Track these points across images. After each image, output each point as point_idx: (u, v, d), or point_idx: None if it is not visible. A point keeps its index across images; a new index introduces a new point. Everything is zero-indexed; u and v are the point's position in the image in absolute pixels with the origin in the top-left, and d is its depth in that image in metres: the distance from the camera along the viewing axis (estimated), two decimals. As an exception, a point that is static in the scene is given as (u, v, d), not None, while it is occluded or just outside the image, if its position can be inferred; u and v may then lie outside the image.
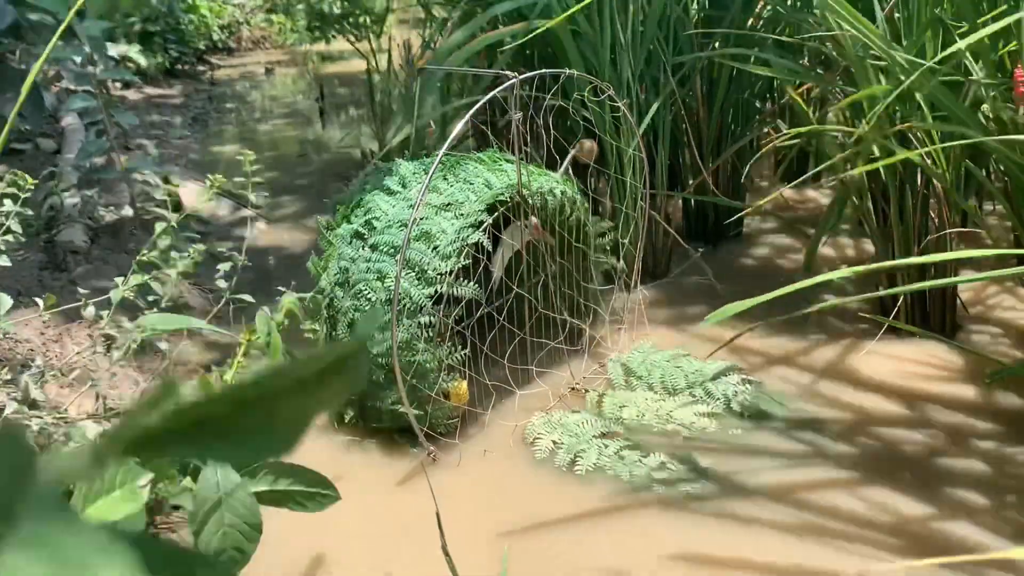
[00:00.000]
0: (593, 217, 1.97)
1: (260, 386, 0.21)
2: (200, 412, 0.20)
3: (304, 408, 0.22)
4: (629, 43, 2.21)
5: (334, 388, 0.22)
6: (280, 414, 0.21)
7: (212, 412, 0.20)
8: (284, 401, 0.21)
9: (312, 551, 1.37)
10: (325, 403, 0.22)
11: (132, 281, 1.45)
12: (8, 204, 1.52)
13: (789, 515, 1.40)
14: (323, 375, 0.21)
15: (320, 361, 0.21)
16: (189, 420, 0.20)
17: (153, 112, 4.70)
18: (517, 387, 1.79)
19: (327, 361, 0.22)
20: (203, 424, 0.20)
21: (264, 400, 0.21)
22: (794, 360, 1.91)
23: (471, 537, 1.38)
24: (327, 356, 0.22)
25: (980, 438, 1.58)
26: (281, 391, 0.21)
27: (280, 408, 0.21)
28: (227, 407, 0.20)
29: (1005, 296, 2.15)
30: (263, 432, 0.21)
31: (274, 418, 0.21)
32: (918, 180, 1.88)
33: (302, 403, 0.21)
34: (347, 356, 0.22)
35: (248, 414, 0.21)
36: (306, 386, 0.21)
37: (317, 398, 0.22)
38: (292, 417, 0.21)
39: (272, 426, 0.21)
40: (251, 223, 3.04)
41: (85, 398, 1.65)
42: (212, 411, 0.20)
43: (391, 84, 3.24)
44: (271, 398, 0.21)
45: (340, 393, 0.22)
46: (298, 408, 0.21)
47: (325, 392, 0.22)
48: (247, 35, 8.44)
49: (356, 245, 1.67)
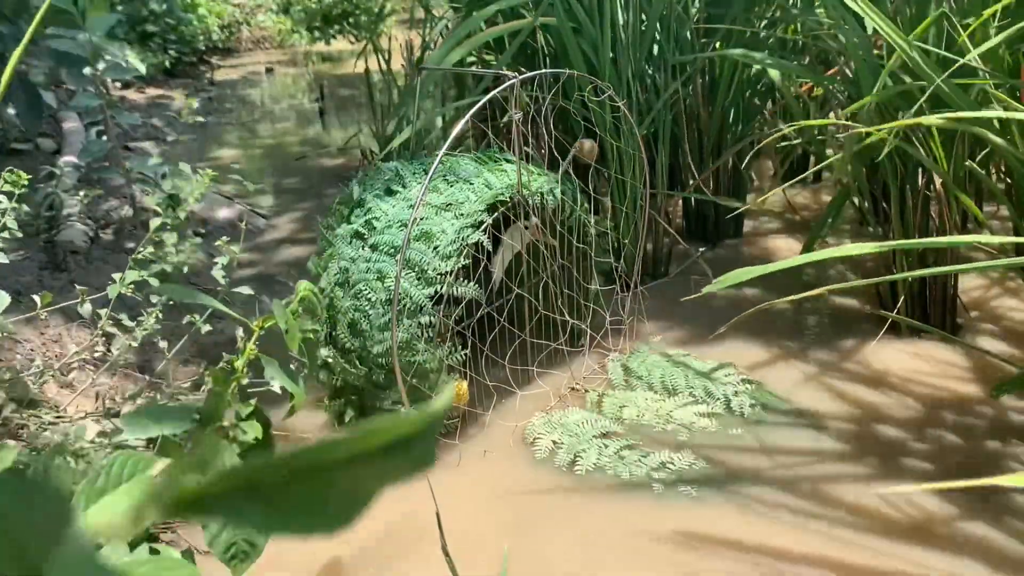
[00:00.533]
0: (593, 217, 1.97)
1: (317, 456, 0.19)
2: (250, 477, 0.19)
3: (365, 483, 0.20)
4: (629, 42, 2.21)
5: (400, 463, 0.20)
6: (337, 488, 0.20)
7: (262, 478, 0.19)
8: (343, 474, 0.20)
9: (311, 551, 1.37)
10: (389, 479, 0.20)
11: (129, 277, 1.44)
12: (4, 201, 1.52)
13: (790, 514, 1.40)
14: (389, 450, 0.20)
15: (386, 433, 0.20)
16: (237, 484, 0.19)
17: (153, 112, 4.70)
18: (517, 387, 1.79)
19: (394, 434, 0.20)
20: (252, 490, 0.19)
21: (320, 471, 0.19)
22: (794, 360, 1.91)
23: (471, 537, 1.38)
24: (395, 428, 0.20)
25: (981, 435, 1.58)
26: (340, 463, 0.19)
27: (338, 481, 0.20)
28: (279, 475, 0.19)
29: (1006, 298, 2.15)
30: (316, 504, 0.20)
31: (330, 491, 0.20)
32: (919, 179, 1.88)
33: (363, 478, 0.20)
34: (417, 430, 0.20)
35: (302, 484, 0.19)
36: (369, 460, 0.20)
37: (381, 473, 0.20)
38: (350, 491, 0.20)
39: (326, 499, 0.20)
40: (246, 218, 3.04)
41: (84, 398, 1.65)
42: (263, 477, 0.19)
43: (391, 84, 3.24)
44: (328, 470, 0.19)
45: (407, 470, 0.20)
46: (358, 482, 0.20)
47: (390, 467, 0.20)
48: (247, 35, 8.44)
49: (356, 245, 1.67)
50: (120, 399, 1.56)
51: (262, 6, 8.51)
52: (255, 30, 8.51)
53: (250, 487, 0.19)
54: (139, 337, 1.52)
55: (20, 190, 1.56)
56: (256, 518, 0.19)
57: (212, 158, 4.05)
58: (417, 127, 2.25)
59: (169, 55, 6.31)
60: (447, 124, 2.74)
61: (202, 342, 2.01)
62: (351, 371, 1.62)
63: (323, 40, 8.39)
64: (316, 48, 8.36)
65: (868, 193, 2.01)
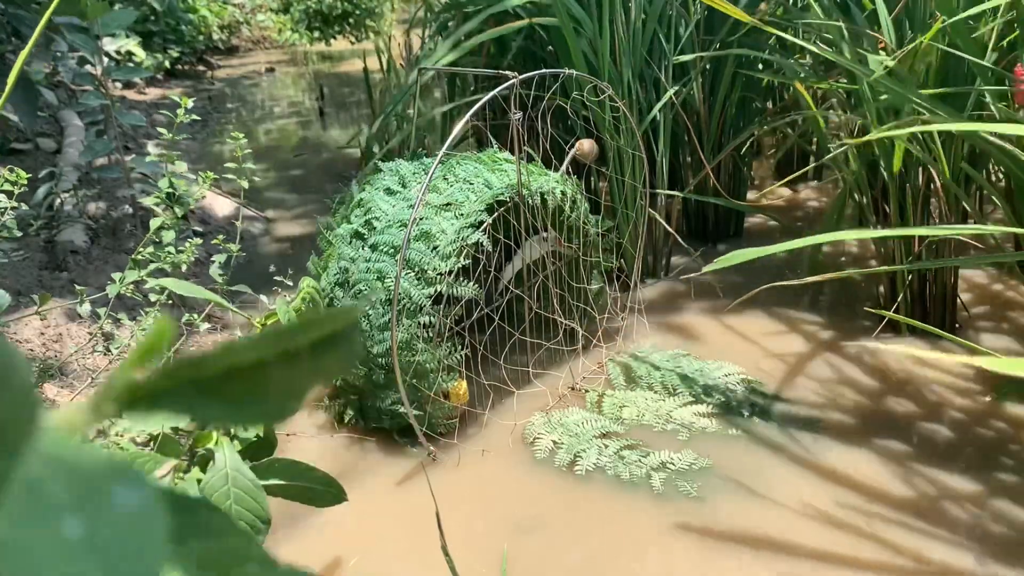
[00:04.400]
0: (593, 217, 1.97)
1: (252, 351, 0.21)
2: (192, 372, 0.20)
3: (298, 379, 0.21)
4: (629, 42, 2.21)
5: (328, 361, 0.22)
6: (273, 382, 0.21)
7: (204, 373, 0.20)
8: (277, 369, 0.21)
9: (311, 551, 1.37)
10: (319, 375, 0.22)
11: (129, 277, 1.45)
12: (3, 200, 1.52)
13: (791, 513, 1.40)
14: (317, 347, 0.21)
15: (314, 330, 0.21)
16: (182, 378, 0.20)
17: (153, 112, 4.70)
18: (516, 387, 1.79)
19: (320, 332, 0.21)
20: (196, 384, 0.20)
21: (257, 366, 0.21)
22: (794, 359, 1.91)
23: (471, 537, 1.38)
24: (320, 326, 0.21)
25: (982, 434, 1.58)
26: (274, 358, 0.21)
27: (273, 376, 0.21)
28: (219, 369, 0.20)
29: (1006, 297, 2.15)
30: (256, 399, 0.21)
31: (268, 386, 0.21)
32: (919, 179, 1.88)
33: (296, 373, 0.21)
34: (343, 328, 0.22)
35: (241, 378, 0.21)
36: (299, 356, 0.21)
37: (311, 369, 0.22)
38: (286, 387, 0.21)
39: (266, 394, 0.21)
40: (246, 218, 3.04)
41: (84, 397, 1.65)
42: (204, 372, 0.20)
43: (391, 84, 3.24)
44: (264, 365, 0.21)
45: (334, 367, 0.22)
46: (292, 378, 0.21)
47: (319, 364, 0.22)
48: (247, 35, 8.45)
49: (356, 245, 1.67)
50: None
51: (262, 6, 8.51)
52: (255, 30, 8.52)
53: (194, 381, 0.20)
54: (138, 336, 1.52)
55: (20, 189, 1.56)
56: (205, 411, 0.20)
57: (212, 157, 4.05)
58: (416, 126, 2.25)
59: (169, 55, 6.31)
60: (446, 123, 2.74)
61: (201, 342, 2.01)
62: (351, 371, 1.62)
63: (323, 40, 8.39)
64: (316, 48, 8.36)
65: (868, 192, 2.01)
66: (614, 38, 2.19)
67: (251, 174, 1.62)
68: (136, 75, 2.65)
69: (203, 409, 0.20)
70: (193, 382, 0.20)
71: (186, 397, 0.20)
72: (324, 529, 1.42)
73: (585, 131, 2.14)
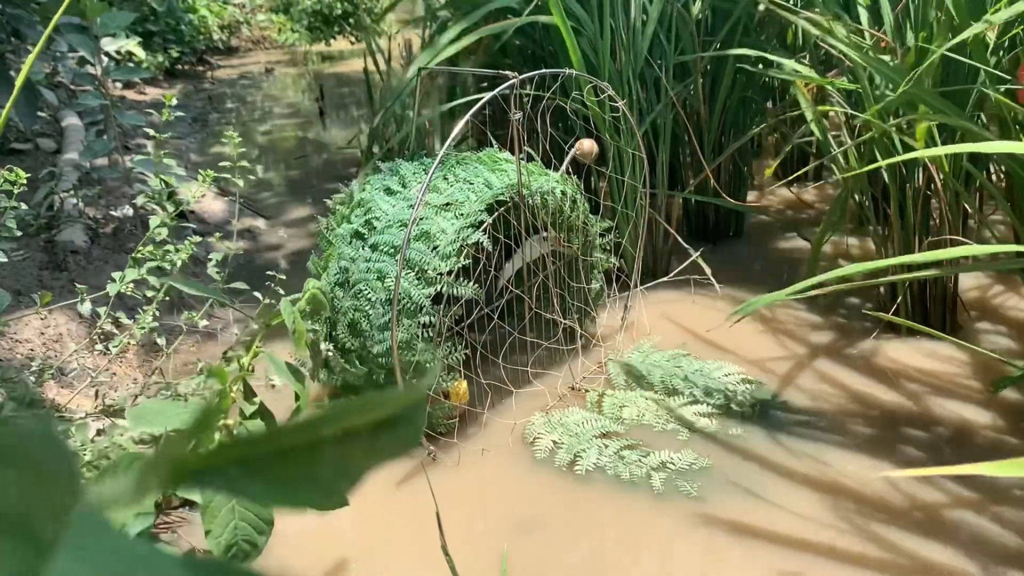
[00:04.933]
0: (593, 217, 1.97)
1: (307, 431, 0.19)
2: (244, 451, 0.19)
3: (354, 459, 0.20)
4: (630, 42, 2.21)
5: (389, 442, 0.21)
6: (328, 463, 0.20)
7: (256, 452, 0.19)
8: (333, 450, 0.20)
9: (311, 551, 1.37)
10: (377, 457, 0.20)
11: (128, 276, 1.44)
12: (3, 200, 1.52)
13: (791, 513, 1.40)
14: (378, 427, 0.20)
15: (375, 410, 0.20)
16: (232, 457, 0.19)
17: (153, 112, 4.70)
18: (516, 387, 1.79)
19: (383, 412, 0.20)
20: (245, 463, 0.19)
21: (311, 447, 0.20)
22: (795, 359, 1.91)
23: (471, 537, 1.38)
24: (383, 406, 0.20)
25: (982, 434, 1.58)
26: (329, 439, 0.20)
27: (328, 456, 0.20)
28: (271, 449, 0.19)
29: (1006, 297, 2.15)
30: (309, 480, 0.20)
31: (322, 466, 0.20)
32: (919, 179, 1.88)
33: (352, 454, 0.20)
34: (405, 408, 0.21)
35: (294, 459, 0.19)
36: (357, 437, 0.20)
37: (368, 451, 0.20)
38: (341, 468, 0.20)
39: (318, 475, 0.20)
40: (246, 218, 3.04)
41: (84, 397, 1.65)
42: (256, 451, 0.19)
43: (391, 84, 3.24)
44: (318, 445, 0.20)
45: (394, 450, 0.21)
46: (348, 460, 0.20)
47: (378, 445, 0.20)
48: (247, 35, 8.45)
49: (356, 245, 1.67)
50: (119, 397, 1.56)
51: (262, 6, 8.51)
52: (255, 30, 8.52)
53: (245, 460, 0.19)
54: (138, 336, 1.52)
55: (19, 189, 1.56)
56: (252, 490, 0.19)
57: (212, 157, 4.05)
58: (416, 126, 2.25)
59: (169, 55, 6.31)
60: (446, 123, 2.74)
61: (200, 341, 2.01)
62: (351, 371, 1.62)
63: (323, 40, 8.39)
64: (316, 48, 8.36)
65: (868, 192, 2.01)
66: (614, 38, 2.19)
67: (249, 173, 1.62)
68: (136, 75, 2.65)
69: (252, 489, 0.19)
70: (244, 460, 0.19)
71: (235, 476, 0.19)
72: (325, 529, 1.42)
73: (585, 131, 2.14)
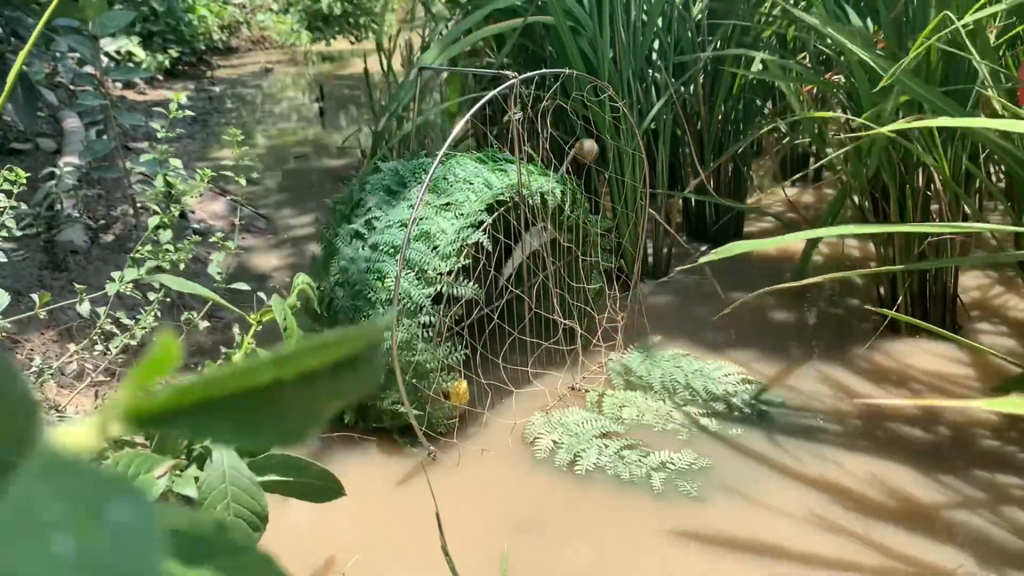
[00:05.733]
0: (593, 217, 1.97)
1: (268, 371, 0.20)
2: (206, 391, 0.19)
3: (316, 401, 0.21)
4: (630, 42, 2.20)
5: (348, 383, 0.21)
6: (290, 404, 0.20)
7: (218, 392, 0.19)
8: (294, 391, 0.20)
9: (311, 551, 1.37)
10: (338, 397, 0.21)
11: (128, 275, 1.44)
12: (3, 200, 1.52)
13: (791, 513, 1.40)
14: (336, 368, 0.20)
15: (334, 350, 0.20)
16: (194, 398, 0.19)
17: (153, 112, 4.70)
18: (516, 387, 1.79)
19: (342, 352, 0.20)
20: (209, 404, 0.19)
21: (273, 387, 0.20)
22: (795, 359, 1.91)
23: (471, 537, 1.38)
24: (342, 346, 0.20)
25: (983, 433, 1.58)
26: (291, 380, 0.20)
27: (290, 398, 0.20)
28: (234, 389, 0.20)
29: (1006, 296, 2.15)
30: (272, 420, 0.20)
31: (284, 407, 0.20)
32: (918, 179, 1.88)
33: (313, 395, 0.20)
34: (364, 349, 0.21)
35: (256, 399, 0.20)
36: (318, 378, 0.20)
37: (330, 391, 0.21)
38: (303, 409, 0.20)
39: (282, 416, 0.20)
40: (246, 218, 3.03)
41: (83, 397, 1.65)
42: (218, 391, 0.19)
43: (391, 84, 3.24)
44: (280, 386, 0.20)
45: (354, 389, 0.21)
46: (309, 400, 0.20)
47: (338, 386, 0.21)
48: (247, 35, 8.45)
49: (356, 245, 1.67)
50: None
51: (262, 6, 8.51)
52: (255, 30, 8.51)
53: (208, 400, 0.19)
54: (138, 335, 1.52)
55: (19, 189, 1.56)
56: (216, 430, 0.19)
57: (212, 158, 4.05)
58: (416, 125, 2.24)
59: (169, 55, 6.31)
60: (445, 122, 2.74)
61: (200, 341, 2.01)
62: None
63: (323, 40, 8.39)
64: (316, 48, 8.36)
65: (868, 192, 2.01)
66: (614, 38, 2.19)
67: (248, 172, 1.62)
68: (135, 75, 2.65)
69: (215, 430, 0.19)
70: (205, 401, 0.19)
71: (198, 417, 0.19)
72: (324, 528, 1.42)
73: (585, 131, 2.14)
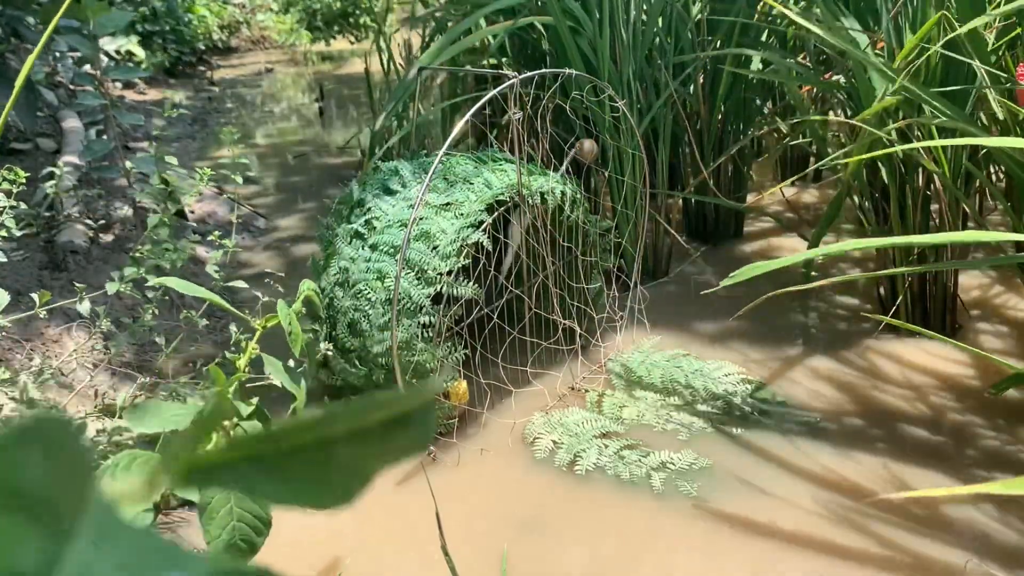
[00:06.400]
0: (593, 217, 1.97)
1: (318, 429, 0.20)
2: (254, 449, 0.19)
3: (365, 459, 0.20)
4: (629, 42, 2.20)
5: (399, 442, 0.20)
6: (339, 462, 0.20)
7: (266, 450, 0.19)
8: (343, 450, 0.20)
9: (311, 551, 1.37)
10: (388, 457, 0.20)
11: (127, 275, 1.44)
12: (2, 200, 1.52)
13: (791, 513, 1.40)
14: (388, 427, 0.20)
15: (385, 410, 0.20)
16: (243, 454, 0.19)
17: (153, 112, 4.70)
18: (516, 387, 1.79)
19: (393, 412, 0.20)
20: (257, 461, 0.19)
21: (322, 446, 0.20)
22: (795, 360, 1.91)
23: (471, 537, 1.38)
24: (394, 406, 0.20)
25: (982, 435, 1.58)
26: (340, 438, 0.20)
27: (339, 456, 0.20)
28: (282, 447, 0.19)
29: (1007, 297, 2.15)
30: (318, 479, 0.20)
31: (332, 466, 0.20)
32: (918, 179, 1.88)
33: (362, 455, 0.20)
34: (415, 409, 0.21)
35: (304, 457, 0.20)
36: (368, 437, 0.20)
37: (380, 451, 0.20)
38: (351, 468, 0.20)
39: (329, 475, 0.20)
40: (246, 218, 3.03)
41: (83, 397, 1.65)
42: (266, 449, 0.19)
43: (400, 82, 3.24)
44: (329, 444, 0.20)
45: (405, 449, 0.21)
46: (358, 459, 0.20)
47: (389, 446, 0.20)
48: (247, 35, 8.45)
49: (356, 245, 1.67)
50: (118, 397, 1.56)
51: (262, 6, 8.51)
52: (255, 30, 8.51)
53: (256, 457, 0.19)
54: (137, 335, 1.52)
55: (19, 188, 1.56)
56: (263, 488, 0.19)
57: (211, 157, 4.05)
58: (416, 126, 2.24)
59: (169, 55, 6.31)
60: (446, 123, 2.74)
61: (200, 340, 2.01)
62: (351, 371, 1.62)
63: (323, 40, 8.39)
64: (316, 48, 8.36)
65: (868, 193, 2.01)
66: (614, 38, 2.19)
67: (247, 170, 1.62)
68: (135, 75, 2.65)
69: (262, 487, 0.19)
70: (253, 458, 0.19)
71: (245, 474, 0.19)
72: (324, 529, 1.42)
73: (585, 131, 2.14)
